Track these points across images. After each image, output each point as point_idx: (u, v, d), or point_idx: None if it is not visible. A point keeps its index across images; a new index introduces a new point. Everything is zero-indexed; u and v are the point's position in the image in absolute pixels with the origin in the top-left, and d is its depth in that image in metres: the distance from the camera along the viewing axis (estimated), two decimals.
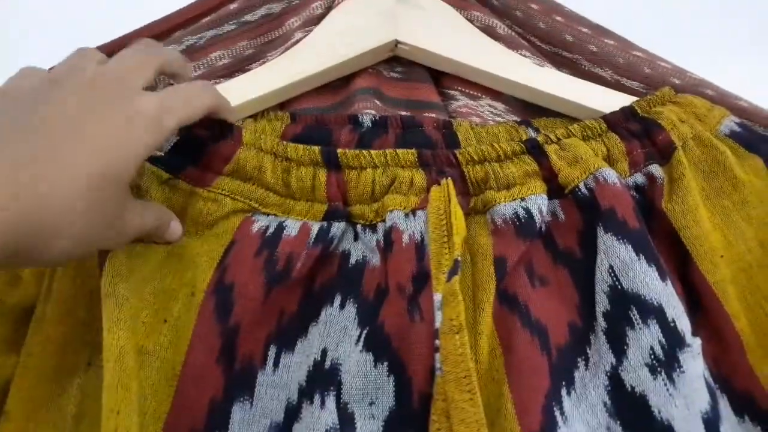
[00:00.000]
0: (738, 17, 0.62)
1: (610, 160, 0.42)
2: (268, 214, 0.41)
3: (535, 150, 0.42)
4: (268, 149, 0.41)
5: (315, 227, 0.40)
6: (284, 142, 0.41)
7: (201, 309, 0.38)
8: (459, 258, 0.36)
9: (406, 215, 0.39)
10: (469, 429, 0.31)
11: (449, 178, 0.40)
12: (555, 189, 0.41)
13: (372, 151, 0.41)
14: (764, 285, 0.39)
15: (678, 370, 0.34)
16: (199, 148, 0.41)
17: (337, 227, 0.40)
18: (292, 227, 0.40)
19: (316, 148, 0.41)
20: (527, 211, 0.39)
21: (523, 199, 0.40)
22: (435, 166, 0.41)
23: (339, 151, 0.41)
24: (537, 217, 0.39)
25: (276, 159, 0.41)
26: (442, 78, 0.51)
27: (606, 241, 0.38)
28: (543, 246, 0.40)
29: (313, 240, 0.39)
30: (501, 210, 0.40)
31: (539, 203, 0.40)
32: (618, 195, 0.39)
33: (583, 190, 0.40)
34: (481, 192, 0.41)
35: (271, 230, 0.40)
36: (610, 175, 0.39)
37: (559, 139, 0.42)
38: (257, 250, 0.39)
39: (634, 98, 0.46)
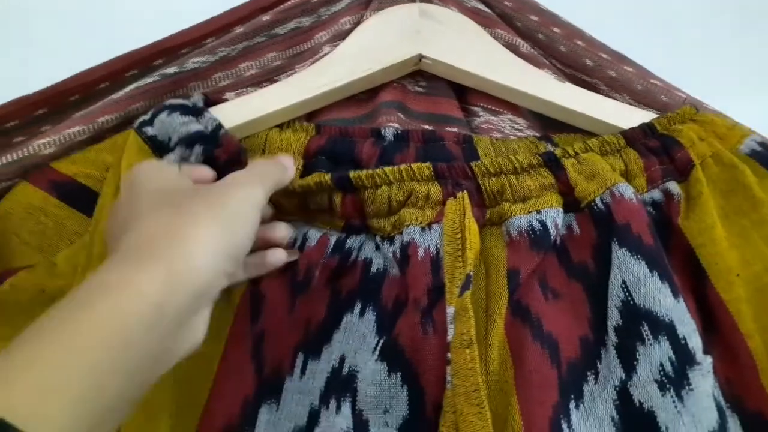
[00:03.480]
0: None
1: (627, 176, 0.42)
2: (291, 221, 0.43)
3: (552, 163, 0.42)
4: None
5: (333, 238, 0.41)
6: (294, 180, 0.42)
7: (237, 311, 0.40)
8: (471, 273, 0.36)
9: (422, 229, 0.40)
10: None
11: (465, 191, 0.41)
12: (571, 203, 0.42)
13: (386, 168, 0.42)
14: None
15: (687, 387, 0.34)
16: (220, 168, 0.43)
17: (355, 239, 0.41)
18: (313, 238, 0.41)
19: (328, 176, 0.41)
20: (542, 223, 0.40)
21: (538, 212, 0.40)
22: (451, 179, 0.42)
23: (351, 174, 0.41)
24: (552, 230, 0.40)
25: (289, 194, 0.42)
26: (465, 93, 0.52)
27: (620, 256, 0.38)
28: (557, 259, 0.41)
29: (330, 251, 0.41)
30: (516, 222, 0.40)
31: (554, 216, 0.40)
32: (634, 211, 0.39)
33: (599, 204, 0.40)
34: (497, 204, 0.42)
35: (297, 243, 0.41)
36: (627, 190, 0.40)
37: (576, 153, 0.42)
38: None
39: (654, 115, 0.46)
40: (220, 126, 0.44)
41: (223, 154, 0.43)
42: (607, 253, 0.39)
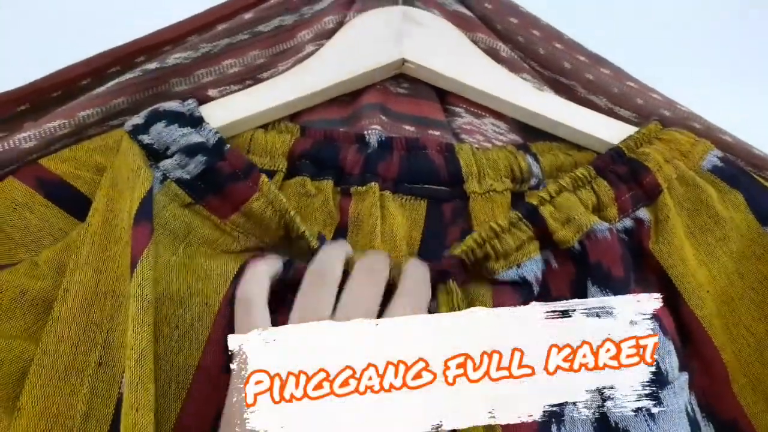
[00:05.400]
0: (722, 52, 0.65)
1: (599, 206, 0.44)
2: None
3: (531, 216, 0.43)
4: (279, 208, 0.42)
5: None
6: (292, 213, 0.42)
7: (217, 318, 0.39)
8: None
9: None
10: None
11: (452, 280, 0.41)
12: (549, 241, 0.43)
13: None
14: (745, 316, 0.42)
15: (659, 407, 0.37)
16: (222, 180, 0.43)
17: None
18: None
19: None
20: (523, 278, 0.42)
21: (519, 266, 0.42)
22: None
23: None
24: (533, 283, 0.42)
25: (281, 220, 0.43)
26: (447, 94, 0.53)
27: (593, 294, 0.40)
28: (538, 293, 0.42)
29: None
30: (498, 277, 0.42)
31: (534, 269, 0.42)
32: (606, 249, 0.41)
33: (576, 246, 0.42)
34: (480, 265, 0.43)
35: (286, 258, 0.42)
36: (601, 229, 0.42)
37: (552, 197, 0.43)
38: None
39: (626, 125, 0.49)
40: (223, 141, 0.45)
41: (228, 167, 0.43)
42: (584, 288, 0.41)
